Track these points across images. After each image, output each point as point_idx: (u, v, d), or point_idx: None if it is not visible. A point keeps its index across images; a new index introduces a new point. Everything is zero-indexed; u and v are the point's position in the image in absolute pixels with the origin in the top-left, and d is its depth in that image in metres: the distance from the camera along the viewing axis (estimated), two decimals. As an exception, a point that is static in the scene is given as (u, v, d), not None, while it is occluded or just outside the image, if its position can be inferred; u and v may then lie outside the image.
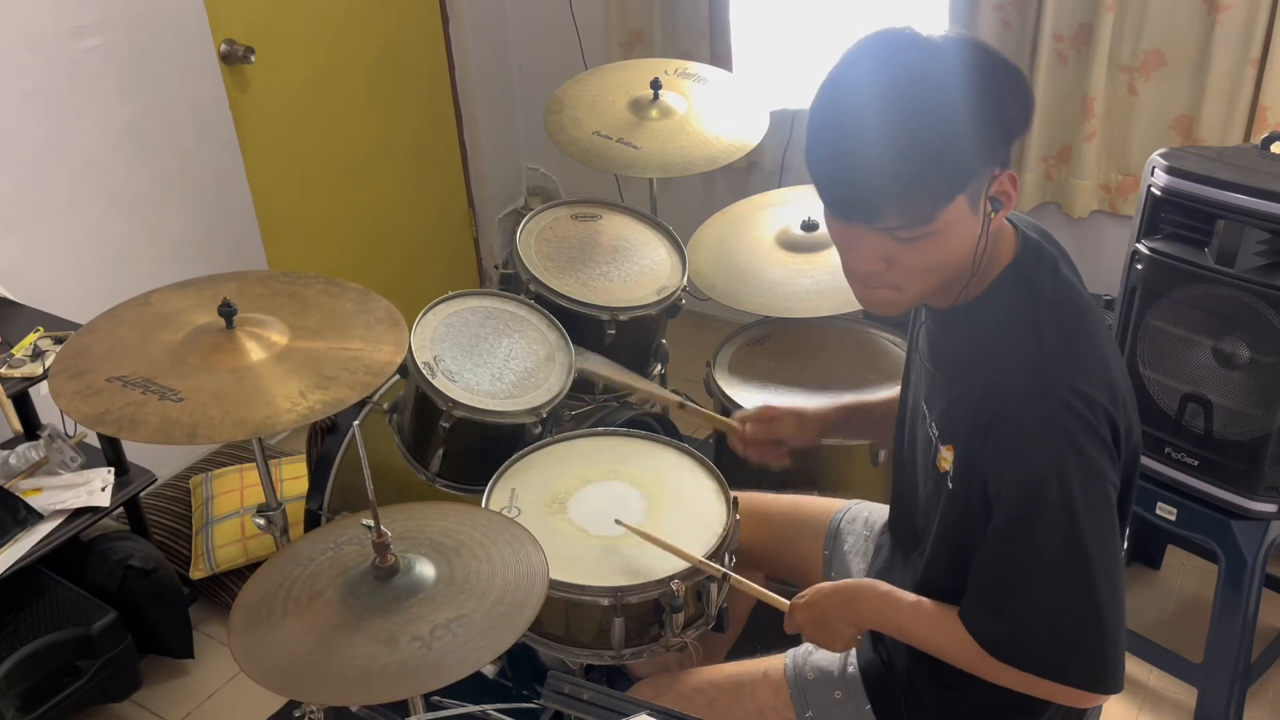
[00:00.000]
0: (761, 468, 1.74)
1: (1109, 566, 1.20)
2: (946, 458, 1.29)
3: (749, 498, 1.77)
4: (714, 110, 2.43)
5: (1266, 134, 1.92)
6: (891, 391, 1.70)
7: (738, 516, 1.65)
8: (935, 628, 1.31)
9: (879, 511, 1.70)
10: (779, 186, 2.81)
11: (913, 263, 1.21)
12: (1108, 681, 1.22)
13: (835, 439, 1.74)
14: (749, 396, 2.08)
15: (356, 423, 1.86)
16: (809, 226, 2.27)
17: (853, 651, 1.50)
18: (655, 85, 2.40)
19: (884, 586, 1.39)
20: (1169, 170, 1.88)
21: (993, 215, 1.21)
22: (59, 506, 2.11)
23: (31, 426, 2.27)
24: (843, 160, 1.18)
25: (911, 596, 1.36)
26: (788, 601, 1.47)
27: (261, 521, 1.83)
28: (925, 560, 1.38)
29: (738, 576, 1.56)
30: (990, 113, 1.16)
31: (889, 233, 1.19)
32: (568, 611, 1.59)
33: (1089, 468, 1.19)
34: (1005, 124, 1.18)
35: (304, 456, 2.41)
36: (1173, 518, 2.00)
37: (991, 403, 1.22)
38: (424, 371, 1.87)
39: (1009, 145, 1.21)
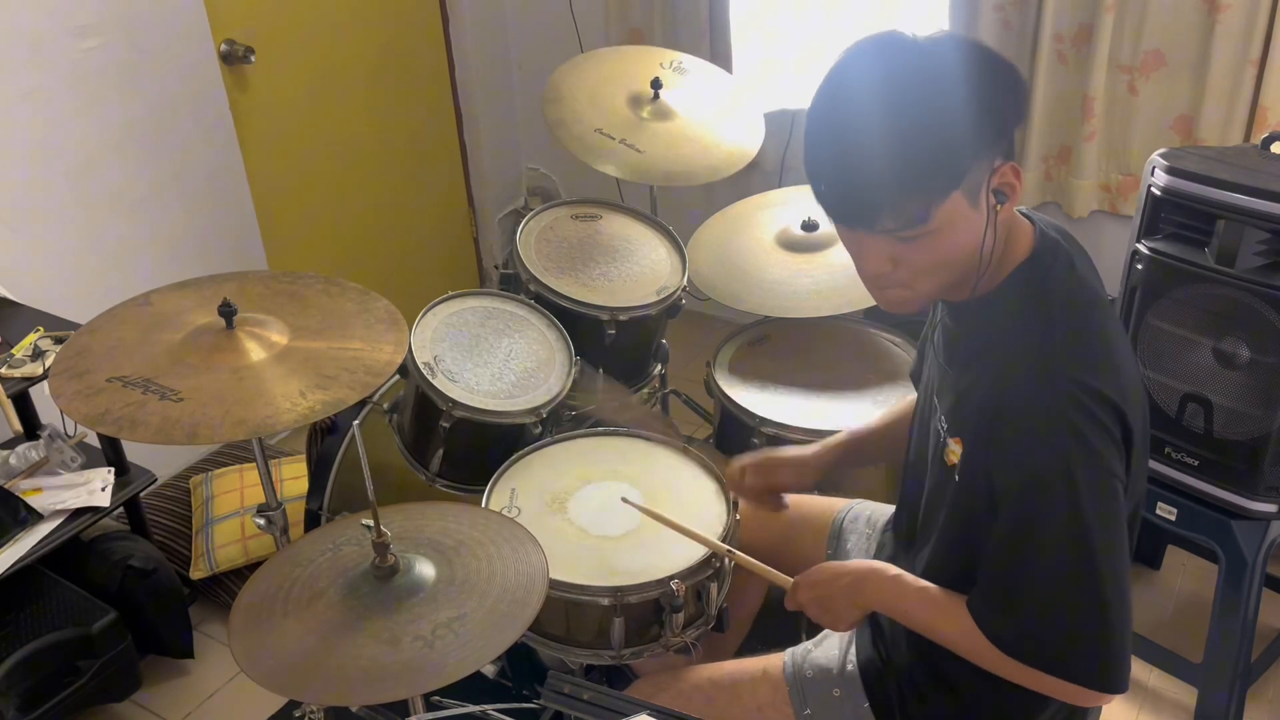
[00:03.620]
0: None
1: (1115, 564, 1.20)
2: (955, 451, 1.29)
3: None
4: (716, 116, 2.43)
5: (1266, 134, 1.91)
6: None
7: (738, 516, 1.65)
8: (943, 616, 1.31)
9: (881, 510, 1.70)
10: (779, 187, 2.81)
11: (919, 261, 1.22)
12: (1112, 681, 1.21)
13: (849, 467, 1.71)
14: (749, 396, 2.08)
15: (356, 423, 1.86)
16: (809, 226, 2.27)
17: (852, 649, 1.50)
18: (655, 85, 2.40)
19: (893, 570, 1.38)
20: (1169, 170, 1.88)
21: (998, 208, 1.21)
22: (59, 506, 2.11)
23: (31, 426, 2.27)
24: (835, 169, 1.20)
25: (920, 582, 1.36)
26: (790, 580, 1.47)
27: (261, 521, 1.83)
28: (929, 554, 1.38)
29: (741, 555, 1.55)
30: (978, 108, 1.16)
31: (889, 234, 1.20)
32: (568, 611, 1.59)
33: (1096, 463, 1.19)
34: (996, 118, 1.19)
35: (304, 456, 2.41)
36: (1173, 518, 2.00)
37: (998, 397, 1.23)
38: (424, 371, 1.87)
39: (1005, 138, 1.21)
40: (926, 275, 1.23)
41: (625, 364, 2.26)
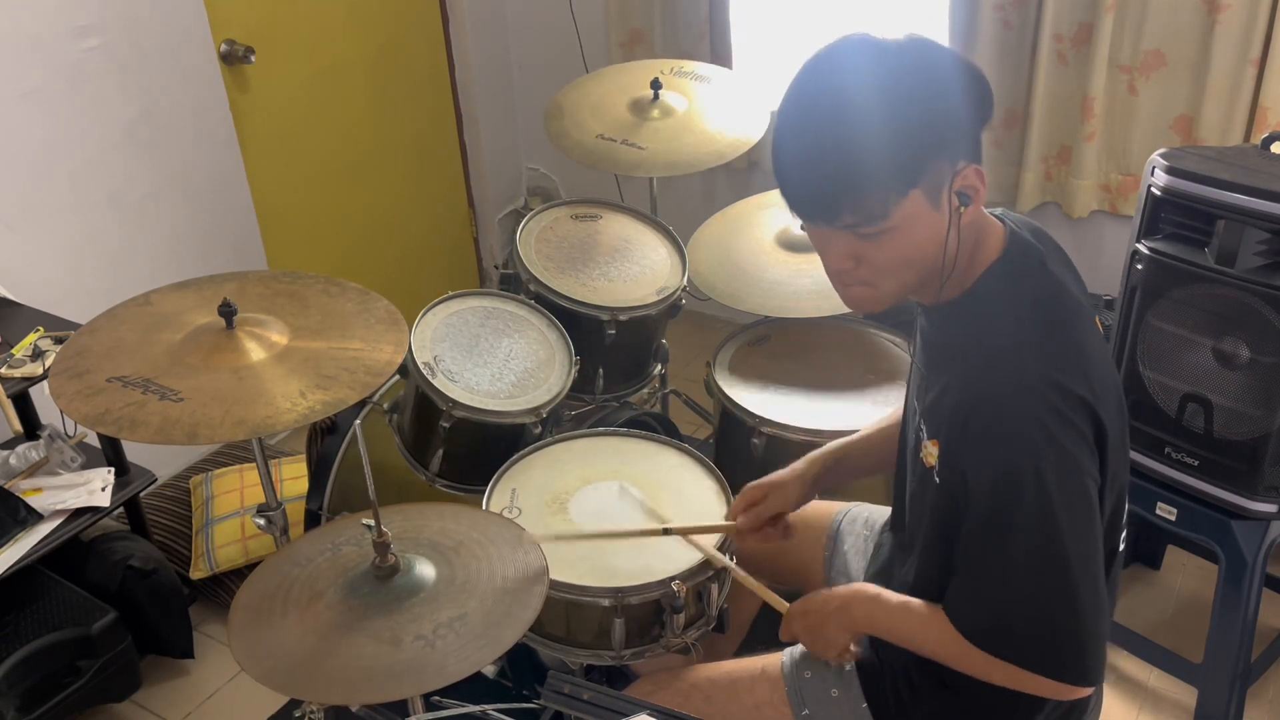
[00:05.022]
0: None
1: (1087, 559, 1.21)
2: (931, 452, 1.30)
3: None
4: (716, 106, 2.43)
5: (1266, 134, 1.92)
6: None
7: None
8: (923, 626, 1.32)
9: (879, 512, 1.70)
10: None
11: (880, 259, 1.24)
12: (1085, 674, 1.22)
13: (836, 482, 1.64)
14: (749, 396, 2.08)
15: (357, 422, 1.86)
16: (809, 226, 2.26)
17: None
18: (655, 85, 2.40)
19: (873, 589, 1.40)
20: (1169, 170, 1.88)
21: (961, 210, 1.22)
22: (59, 506, 2.11)
23: (31, 426, 2.27)
24: (797, 164, 1.23)
25: (899, 597, 1.37)
26: (787, 605, 1.47)
27: (261, 521, 1.83)
28: (918, 555, 1.39)
29: (740, 571, 1.55)
30: (936, 110, 1.19)
31: (849, 230, 1.22)
32: (568, 612, 1.59)
33: (1065, 461, 1.20)
34: (954, 121, 1.20)
35: (304, 456, 2.41)
36: (1173, 518, 2.00)
37: (970, 397, 1.24)
38: (424, 371, 1.87)
39: (968, 141, 1.23)
40: (889, 274, 1.25)
41: (625, 364, 2.26)
